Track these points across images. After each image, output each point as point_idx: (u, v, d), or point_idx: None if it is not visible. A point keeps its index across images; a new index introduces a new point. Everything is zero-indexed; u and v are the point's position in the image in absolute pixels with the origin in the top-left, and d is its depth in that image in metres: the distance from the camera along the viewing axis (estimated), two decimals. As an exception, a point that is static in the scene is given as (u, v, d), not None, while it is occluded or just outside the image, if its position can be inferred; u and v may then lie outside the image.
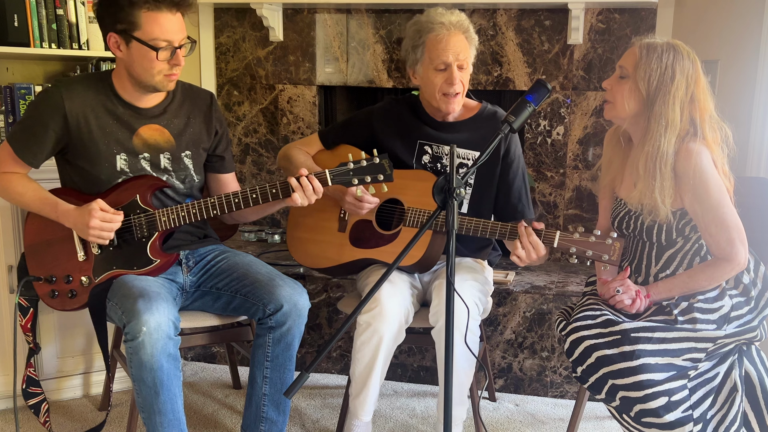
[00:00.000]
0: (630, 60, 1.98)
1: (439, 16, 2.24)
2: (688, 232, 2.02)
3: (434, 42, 2.22)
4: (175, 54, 2.07)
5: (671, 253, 2.05)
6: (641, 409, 1.83)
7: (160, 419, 2.01)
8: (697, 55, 1.97)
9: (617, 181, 2.15)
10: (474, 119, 2.36)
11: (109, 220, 2.07)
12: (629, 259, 2.15)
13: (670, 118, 1.93)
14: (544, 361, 2.88)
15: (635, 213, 2.06)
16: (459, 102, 2.30)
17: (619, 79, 2.01)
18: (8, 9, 2.76)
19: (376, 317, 2.14)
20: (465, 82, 2.27)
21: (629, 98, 1.98)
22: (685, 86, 1.93)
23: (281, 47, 3.43)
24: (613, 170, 2.15)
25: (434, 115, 2.37)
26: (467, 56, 2.25)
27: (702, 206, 1.95)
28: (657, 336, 1.88)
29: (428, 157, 2.37)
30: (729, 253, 1.96)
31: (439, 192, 1.56)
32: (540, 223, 2.02)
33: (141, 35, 2.02)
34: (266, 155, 3.55)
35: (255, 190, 2.10)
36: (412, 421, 2.70)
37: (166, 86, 2.12)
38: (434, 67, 2.23)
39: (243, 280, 2.23)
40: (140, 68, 2.07)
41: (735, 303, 1.98)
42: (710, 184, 1.93)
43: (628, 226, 2.10)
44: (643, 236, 2.07)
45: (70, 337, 2.74)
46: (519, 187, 2.37)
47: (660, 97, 1.93)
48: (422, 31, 2.25)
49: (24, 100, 2.86)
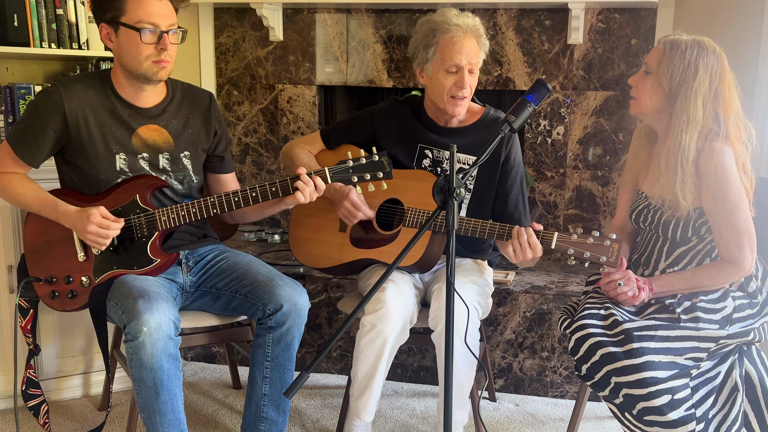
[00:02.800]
0: (654, 56, 2.00)
1: (455, 17, 2.21)
2: (703, 232, 2.02)
3: (448, 43, 2.20)
4: (162, 38, 2.06)
5: (683, 250, 2.05)
6: (644, 406, 1.83)
7: (160, 419, 2.01)
8: None
9: (642, 175, 2.16)
10: (476, 125, 2.36)
11: (107, 227, 2.07)
12: (640, 252, 2.16)
13: (692, 113, 1.93)
14: (544, 361, 2.88)
15: (654, 207, 2.07)
16: (464, 106, 2.29)
17: (643, 75, 2.03)
18: (8, 9, 2.76)
19: (381, 318, 2.14)
20: (473, 86, 2.27)
21: (651, 94, 2.00)
22: (708, 82, 1.94)
23: (281, 47, 3.43)
24: (638, 165, 2.17)
25: (437, 119, 2.36)
26: (478, 61, 2.24)
27: (717, 207, 1.95)
28: (660, 334, 1.88)
29: (428, 161, 2.37)
30: (737, 257, 1.96)
31: (439, 192, 1.57)
32: (539, 225, 2.02)
33: (126, 20, 2.03)
34: (266, 155, 3.55)
35: (255, 189, 2.10)
36: (412, 421, 2.70)
37: (156, 74, 2.09)
38: (445, 68, 2.21)
39: (242, 280, 2.23)
40: (128, 56, 2.06)
41: (738, 305, 1.98)
42: (730, 186, 1.94)
43: (645, 219, 2.10)
44: (659, 231, 2.07)
45: (69, 337, 2.74)
46: (516, 194, 2.37)
47: (682, 92, 1.94)
48: (437, 30, 2.22)
49: (24, 100, 2.85)
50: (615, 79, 3.12)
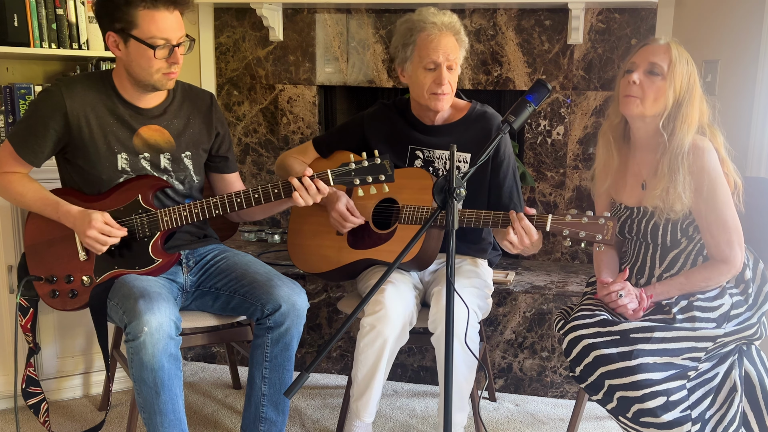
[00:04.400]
0: (664, 58, 1.97)
1: (431, 15, 2.23)
2: (691, 232, 2.03)
3: (425, 41, 2.22)
4: (173, 52, 2.07)
5: (675, 253, 2.05)
6: (639, 408, 1.83)
7: (160, 419, 2.01)
8: (696, 55, 2.03)
9: (619, 185, 2.13)
10: (463, 121, 2.36)
11: (108, 233, 2.07)
12: (631, 262, 2.15)
13: (693, 117, 1.97)
14: (544, 361, 2.88)
15: (639, 216, 2.06)
16: (447, 101, 2.29)
17: (649, 75, 1.98)
18: (8, 9, 2.76)
19: (380, 319, 2.14)
20: (453, 83, 2.27)
21: (659, 97, 1.97)
22: (698, 87, 2.00)
23: (281, 47, 3.43)
24: (611, 174, 2.14)
25: (422, 119, 2.37)
26: (457, 57, 2.25)
27: (707, 205, 1.96)
28: (656, 336, 1.88)
29: (420, 162, 2.38)
30: (727, 255, 1.97)
31: (440, 192, 1.57)
32: (531, 209, 2.01)
33: (138, 34, 2.02)
34: (266, 155, 3.55)
35: (257, 190, 2.10)
36: (412, 421, 2.71)
37: (165, 85, 2.12)
38: (423, 66, 2.23)
39: (241, 280, 2.23)
40: (138, 67, 2.07)
41: (735, 301, 1.99)
42: (718, 184, 1.96)
43: (630, 230, 2.10)
44: (647, 238, 2.07)
45: (69, 337, 2.74)
46: (510, 186, 2.37)
47: (687, 98, 1.97)
48: (413, 29, 2.24)
49: (24, 100, 2.85)
50: (615, 79, 3.12)
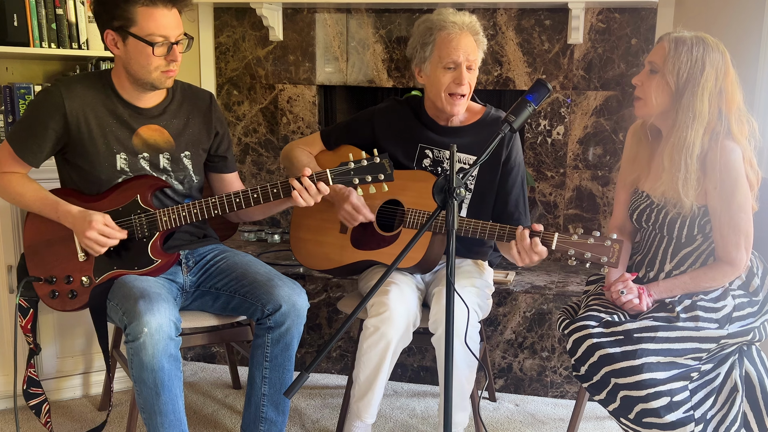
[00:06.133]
0: (659, 54, 1.98)
1: (451, 15, 2.23)
2: (708, 231, 2.02)
3: (445, 40, 2.21)
4: (172, 50, 2.06)
5: (687, 251, 2.05)
6: (642, 408, 1.83)
7: (161, 420, 2.01)
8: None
9: (643, 175, 2.13)
10: (477, 124, 2.35)
11: (108, 235, 2.07)
12: (643, 252, 2.14)
13: (698, 109, 1.93)
14: (544, 361, 2.88)
15: (658, 205, 2.06)
16: (463, 105, 2.28)
17: (648, 74, 2.00)
18: (8, 9, 2.76)
19: (384, 321, 2.14)
20: (472, 83, 2.26)
21: (658, 93, 1.97)
22: (714, 78, 1.94)
23: (281, 47, 3.43)
24: (639, 166, 2.14)
25: (437, 119, 2.36)
26: (476, 58, 2.25)
27: (723, 206, 1.96)
28: (660, 335, 1.88)
29: (429, 161, 2.37)
30: (734, 257, 1.97)
31: (439, 192, 1.56)
32: (539, 225, 2.02)
33: (137, 31, 2.02)
34: (266, 155, 3.55)
35: (256, 190, 2.10)
36: (412, 421, 2.70)
37: (163, 83, 2.12)
38: (443, 65, 2.22)
39: (241, 280, 2.22)
40: (137, 65, 2.07)
41: (738, 303, 1.98)
42: (737, 186, 1.94)
43: (648, 219, 2.09)
44: (663, 230, 2.06)
45: (69, 337, 2.74)
46: (517, 194, 2.37)
47: (689, 89, 1.93)
48: (433, 29, 2.23)
49: (24, 99, 2.85)
50: (615, 79, 3.12)
